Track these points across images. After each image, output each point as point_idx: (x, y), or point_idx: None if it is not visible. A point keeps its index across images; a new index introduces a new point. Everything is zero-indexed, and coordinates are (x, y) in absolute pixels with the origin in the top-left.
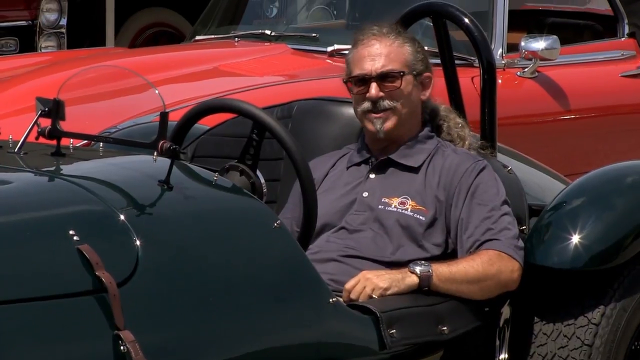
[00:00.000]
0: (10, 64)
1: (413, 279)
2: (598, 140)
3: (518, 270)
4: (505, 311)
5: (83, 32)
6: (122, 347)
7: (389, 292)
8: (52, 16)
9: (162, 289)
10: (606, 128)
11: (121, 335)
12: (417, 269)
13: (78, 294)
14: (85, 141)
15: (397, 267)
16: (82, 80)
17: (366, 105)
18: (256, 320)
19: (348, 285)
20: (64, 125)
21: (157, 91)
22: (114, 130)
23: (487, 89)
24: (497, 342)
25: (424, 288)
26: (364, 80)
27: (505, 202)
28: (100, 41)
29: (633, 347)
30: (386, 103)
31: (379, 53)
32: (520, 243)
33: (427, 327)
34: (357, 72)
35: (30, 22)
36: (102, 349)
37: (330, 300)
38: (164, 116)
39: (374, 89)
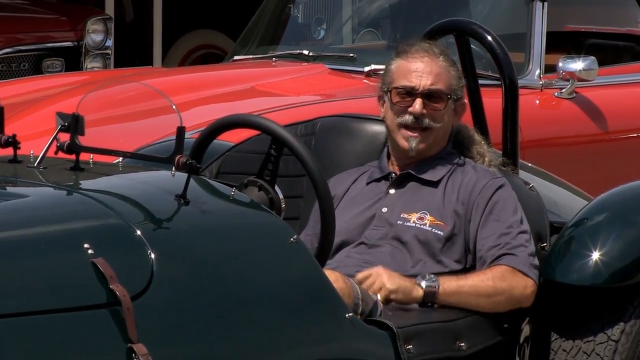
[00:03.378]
0: (49, 83)
1: (418, 292)
2: (636, 162)
3: (532, 287)
4: (525, 328)
5: (131, 54)
6: None
7: (392, 296)
8: (97, 37)
9: (176, 303)
10: None
11: (134, 349)
12: (423, 284)
13: (92, 307)
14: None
15: None
16: (116, 99)
17: (407, 118)
18: (271, 335)
19: (360, 276)
20: (92, 142)
21: (173, 106)
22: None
23: (509, 107)
24: (517, 359)
25: (428, 303)
26: (409, 94)
27: (522, 220)
28: (147, 63)
29: None
30: (428, 122)
31: (429, 71)
32: (536, 261)
33: (444, 342)
34: (404, 83)
35: (76, 43)
36: None
37: (347, 315)
38: (180, 131)
39: (419, 104)
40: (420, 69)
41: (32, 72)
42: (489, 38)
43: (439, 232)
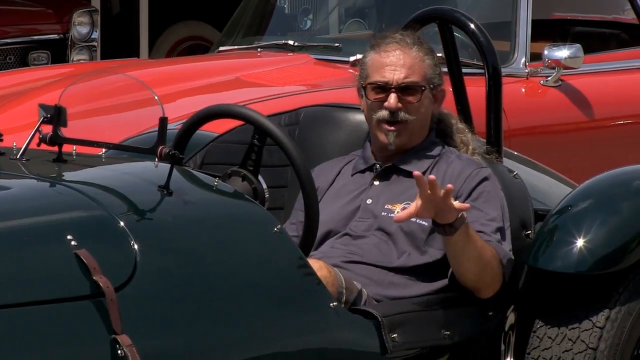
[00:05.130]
0: (34, 76)
1: (453, 214)
2: (622, 149)
3: (500, 282)
4: (510, 316)
5: (117, 46)
6: (119, 352)
7: (439, 205)
8: (83, 30)
9: (160, 293)
10: (630, 137)
11: (118, 340)
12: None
13: (75, 298)
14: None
15: (402, 273)
16: (100, 91)
17: (383, 113)
18: (256, 325)
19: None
20: (77, 134)
21: (156, 96)
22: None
23: (493, 95)
24: (502, 347)
25: (453, 228)
26: (383, 89)
27: (504, 217)
28: (134, 55)
29: (637, 352)
30: (403, 115)
31: (402, 63)
32: (510, 262)
33: (429, 331)
34: (377, 78)
35: (62, 35)
36: (99, 353)
37: (331, 304)
38: (162, 122)
39: (393, 99)
40: (393, 63)
41: (18, 64)
42: (472, 26)
43: (424, 222)
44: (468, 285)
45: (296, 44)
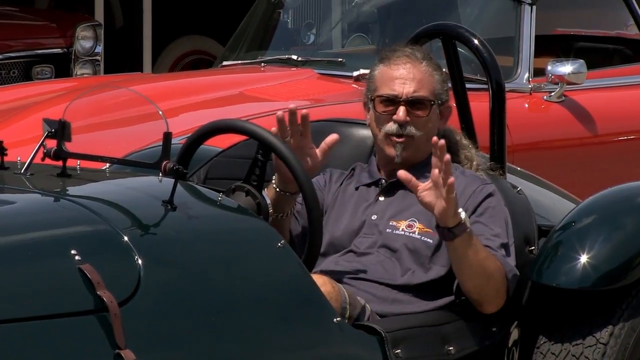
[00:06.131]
0: (38, 90)
1: (456, 218)
2: (626, 165)
3: (504, 298)
4: (514, 331)
5: (121, 60)
6: None
7: (443, 203)
8: (87, 44)
9: (164, 308)
10: (634, 152)
11: (122, 355)
12: (463, 215)
13: (79, 313)
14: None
15: (406, 290)
16: (104, 106)
17: (391, 127)
18: (259, 340)
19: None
20: (80, 148)
21: (160, 111)
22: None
23: (497, 110)
24: None
25: (452, 234)
26: (392, 102)
27: (508, 234)
28: (138, 69)
29: None
30: (411, 129)
31: (412, 77)
32: (515, 277)
33: (433, 347)
34: (387, 91)
35: (65, 49)
36: None
37: (335, 320)
38: (167, 137)
39: (402, 112)
40: (403, 76)
41: (21, 79)
42: (476, 41)
43: (429, 239)
44: (471, 297)
45: (300, 58)
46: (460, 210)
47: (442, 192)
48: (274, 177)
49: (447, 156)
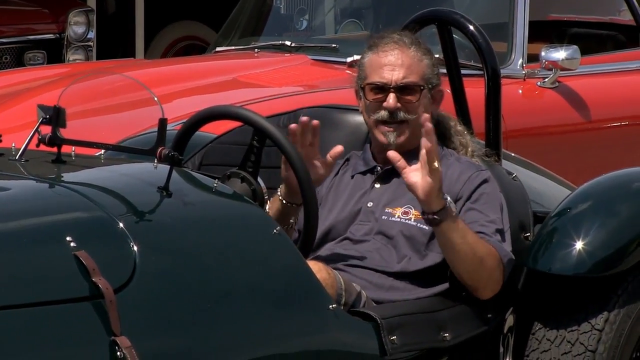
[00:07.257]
0: (30, 76)
1: (440, 202)
2: (620, 150)
3: (499, 283)
4: (509, 318)
5: (113, 46)
6: (118, 353)
7: (426, 187)
8: (79, 29)
9: (159, 295)
10: (628, 138)
11: (118, 341)
12: (448, 200)
13: (74, 299)
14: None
15: (403, 277)
16: (98, 92)
17: (382, 114)
18: (255, 327)
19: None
20: (75, 134)
21: (155, 97)
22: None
23: (492, 97)
24: (501, 349)
25: (437, 219)
26: (382, 89)
27: (503, 220)
28: (130, 54)
29: (636, 355)
30: (402, 115)
31: (400, 63)
32: (510, 262)
33: (428, 333)
34: (376, 79)
35: (57, 35)
36: (98, 354)
37: (331, 306)
38: (162, 123)
39: (392, 99)
40: (392, 63)
41: (13, 64)
42: (471, 27)
43: (424, 226)
44: (464, 282)
45: (293, 44)
46: (445, 195)
47: (427, 170)
48: (279, 189)
49: (434, 137)
